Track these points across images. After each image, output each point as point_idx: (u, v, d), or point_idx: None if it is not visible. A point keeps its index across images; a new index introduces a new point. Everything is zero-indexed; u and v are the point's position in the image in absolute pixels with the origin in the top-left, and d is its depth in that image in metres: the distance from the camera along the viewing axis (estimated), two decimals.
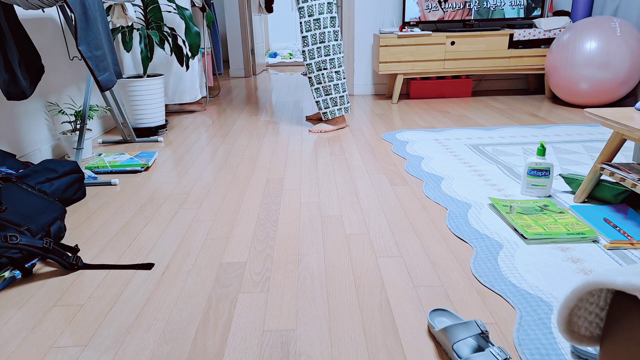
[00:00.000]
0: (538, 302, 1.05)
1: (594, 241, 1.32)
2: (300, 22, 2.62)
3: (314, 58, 2.62)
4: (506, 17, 3.48)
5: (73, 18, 1.64)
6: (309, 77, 2.68)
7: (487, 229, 1.42)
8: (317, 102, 2.70)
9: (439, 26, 3.72)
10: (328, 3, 2.56)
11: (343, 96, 2.70)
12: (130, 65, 3.08)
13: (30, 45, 1.89)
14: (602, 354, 0.61)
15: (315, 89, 2.67)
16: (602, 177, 1.59)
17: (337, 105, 2.70)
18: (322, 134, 2.67)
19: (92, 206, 1.71)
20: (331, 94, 2.67)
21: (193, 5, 3.33)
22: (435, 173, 1.94)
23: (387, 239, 1.39)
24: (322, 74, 2.63)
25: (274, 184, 1.88)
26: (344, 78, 2.69)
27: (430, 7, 3.46)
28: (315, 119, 3.04)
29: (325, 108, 2.70)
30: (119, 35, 2.94)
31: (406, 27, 3.50)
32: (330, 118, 2.71)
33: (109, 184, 1.92)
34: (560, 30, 3.37)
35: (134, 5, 2.82)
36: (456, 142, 2.38)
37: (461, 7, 3.45)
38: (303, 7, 2.57)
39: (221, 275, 1.22)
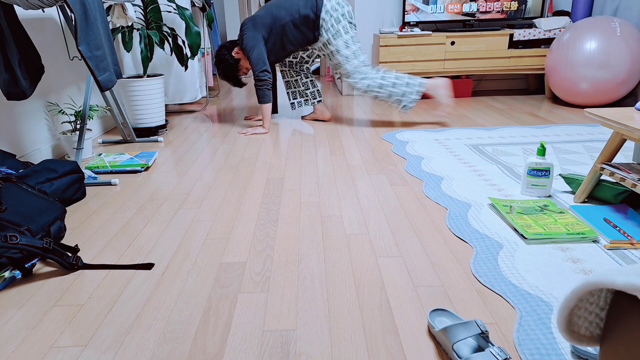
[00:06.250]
0: (538, 302, 1.05)
1: (594, 241, 1.32)
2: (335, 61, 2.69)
3: (365, 94, 2.70)
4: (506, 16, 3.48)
5: (73, 18, 1.64)
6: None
7: (487, 229, 1.42)
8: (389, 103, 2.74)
9: (439, 26, 3.72)
10: (352, 37, 2.62)
11: (408, 83, 2.67)
12: (130, 65, 3.08)
13: (30, 45, 1.89)
14: (602, 354, 0.61)
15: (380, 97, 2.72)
16: (602, 177, 1.59)
17: (405, 95, 2.68)
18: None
19: (92, 206, 1.71)
20: (391, 94, 2.68)
21: (193, 5, 3.33)
22: (435, 173, 1.94)
23: (387, 239, 1.39)
24: (374, 93, 2.68)
25: (274, 184, 1.88)
26: (389, 76, 2.68)
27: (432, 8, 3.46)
28: (310, 119, 3.04)
29: (398, 103, 2.70)
30: (119, 35, 2.94)
31: (406, 27, 3.50)
32: (411, 107, 2.71)
33: (109, 184, 1.92)
34: (560, 30, 3.37)
35: (134, 5, 2.82)
36: (456, 142, 2.38)
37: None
38: (332, 51, 2.65)
39: (221, 275, 1.22)
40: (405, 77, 2.66)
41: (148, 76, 2.74)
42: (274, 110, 3.21)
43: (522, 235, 1.36)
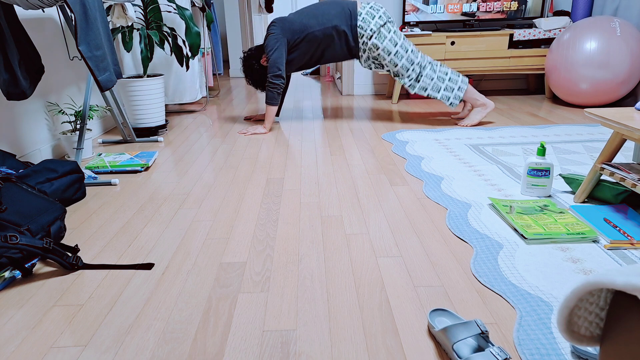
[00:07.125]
0: (538, 302, 1.05)
1: (594, 241, 1.32)
2: (384, 66, 2.72)
3: (416, 85, 2.70)
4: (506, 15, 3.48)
5: (73, 18, 1.64)
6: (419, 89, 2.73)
7: (487, 229, 1.42)
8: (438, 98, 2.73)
9: (439, 26, 3.72)
10: (394, 32, 2.62)
11: (451, 79, 2.69)
12: (130, 65, 3.08)
13: (30, 45, 1.89)
14: (602, 354, 0.61)
15: (427, 91, 2.71)
16: (602, 177, 1.59)
17: (453, 91, 2.69)
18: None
19: (92, 206, 1.71)
20: (441, 86, 2.68)
21: (193, 5, 3.33)
22: (435, 173, 1.94)
23: (387, 239, 1.39)
24: (425, 83, 2.69)
25: (274, 184, 1.88)
26: (438, 66, 2.69)
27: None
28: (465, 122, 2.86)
29: (447, 99, 2.70)
30: (119, 35, 2.94)
31: (406, 27, 3.50)
32: (457, 104, 2.71)
33: (109, 184, 1.92)
34: (560, 30, 3.37)
35: (134, 5, 2.82)
36: (456, 142, 2.38)
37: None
38: (379, 54, 2.65)
39: (221, 275, 1.22)
40: (458, 81, 2.67)
41: (148, 76, 2.74)
42: (277, 113, 3.20)
43: (522, 235, 1.36)
